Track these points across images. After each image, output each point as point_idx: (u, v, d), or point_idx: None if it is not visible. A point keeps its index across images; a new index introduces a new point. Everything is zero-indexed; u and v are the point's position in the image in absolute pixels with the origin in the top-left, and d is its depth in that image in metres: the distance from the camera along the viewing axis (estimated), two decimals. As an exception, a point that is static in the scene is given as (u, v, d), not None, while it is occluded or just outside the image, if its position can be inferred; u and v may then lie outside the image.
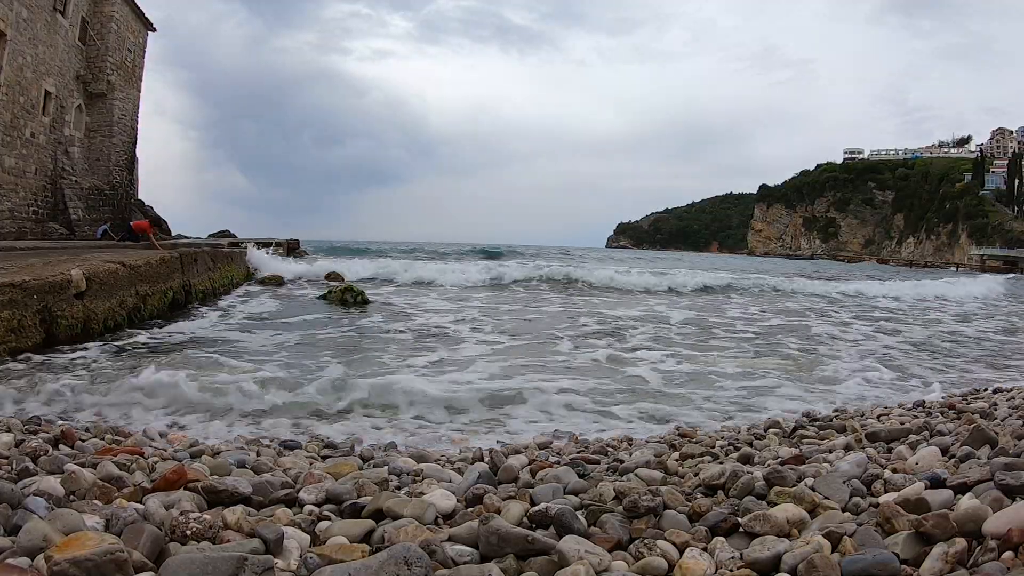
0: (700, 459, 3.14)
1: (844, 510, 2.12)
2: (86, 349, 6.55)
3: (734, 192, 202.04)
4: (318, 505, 2.32)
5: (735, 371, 6.74)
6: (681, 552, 1.84)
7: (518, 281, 18.96)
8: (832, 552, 1.73)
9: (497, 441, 4.04)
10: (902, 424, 3.71)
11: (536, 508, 2.12)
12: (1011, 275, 47.11)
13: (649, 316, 11.82)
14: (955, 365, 7.67)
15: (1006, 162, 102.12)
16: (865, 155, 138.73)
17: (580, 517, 2.05)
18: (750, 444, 3.56)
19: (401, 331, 8.88)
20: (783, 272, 33.40)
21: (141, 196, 27.95)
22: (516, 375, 6.11)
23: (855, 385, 6.20)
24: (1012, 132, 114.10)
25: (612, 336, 9.11)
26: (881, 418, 4.27)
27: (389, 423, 4.50)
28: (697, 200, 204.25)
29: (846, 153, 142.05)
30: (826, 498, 2.17)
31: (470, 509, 2.28)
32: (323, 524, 2.10)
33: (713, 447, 3.48)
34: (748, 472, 2.52)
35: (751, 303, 15.88)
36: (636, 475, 2.74)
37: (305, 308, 11.22)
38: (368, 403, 4.83)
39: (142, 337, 7.52)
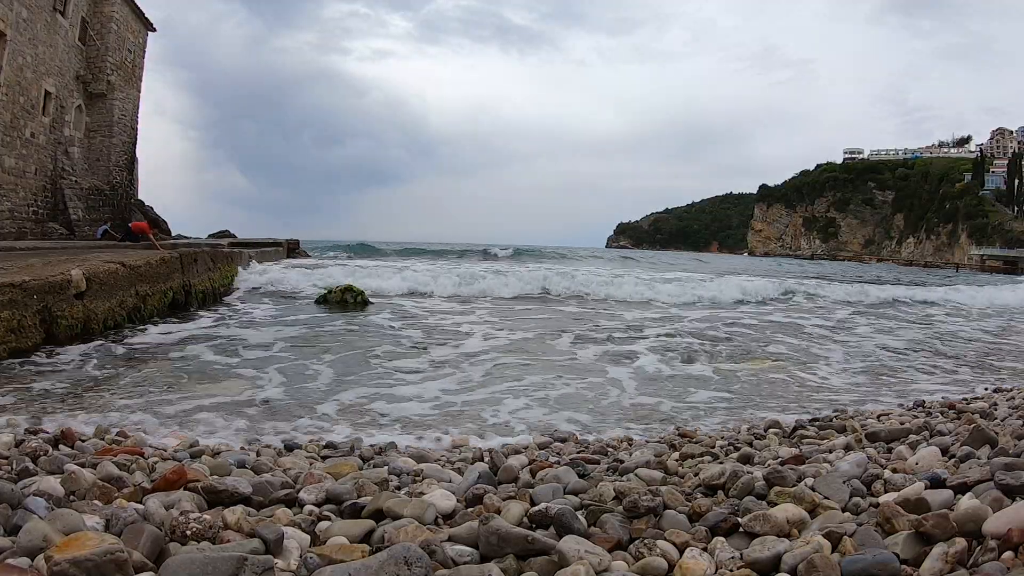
0: (700, 459, 3.14)
1: (844, 510, 2.12)
2: (84, 349, 6.54)
3: (734, 192, 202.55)
4: (318, 505, 2.32)
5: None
6: (681, 552, 1.84)
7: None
8: (832, 552, 1.73)
9: (499, 444, 4.04)
10: (902, 424, 3.71)
11: (536, 508, 2.12)
12: None
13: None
14: None
15: (1006, 162, 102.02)
16: (865, 155, 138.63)
17: (580, 517, 2.05)
18: (750, 444, 3.56)
19: (403, 336, 8.86)
20: (815, 275, 31.20)
21: (141, 196, 27.98)
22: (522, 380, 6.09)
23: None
24: (1012, 132, 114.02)
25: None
26: (881, 418, 4.27)
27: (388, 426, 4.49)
28: (697, 200, 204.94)
29: (846, 153, 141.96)
30: (826, 498, 2.17)
31: (470, 509, 2.28)
32: (323, 524, 2.10)
33: (713, 447, 3.48)
34: (748, 472, 2.52)
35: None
36: (636, 475, 2.74)
37: (304, 309, 11.21)
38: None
39: (141, 337, 7.52)
